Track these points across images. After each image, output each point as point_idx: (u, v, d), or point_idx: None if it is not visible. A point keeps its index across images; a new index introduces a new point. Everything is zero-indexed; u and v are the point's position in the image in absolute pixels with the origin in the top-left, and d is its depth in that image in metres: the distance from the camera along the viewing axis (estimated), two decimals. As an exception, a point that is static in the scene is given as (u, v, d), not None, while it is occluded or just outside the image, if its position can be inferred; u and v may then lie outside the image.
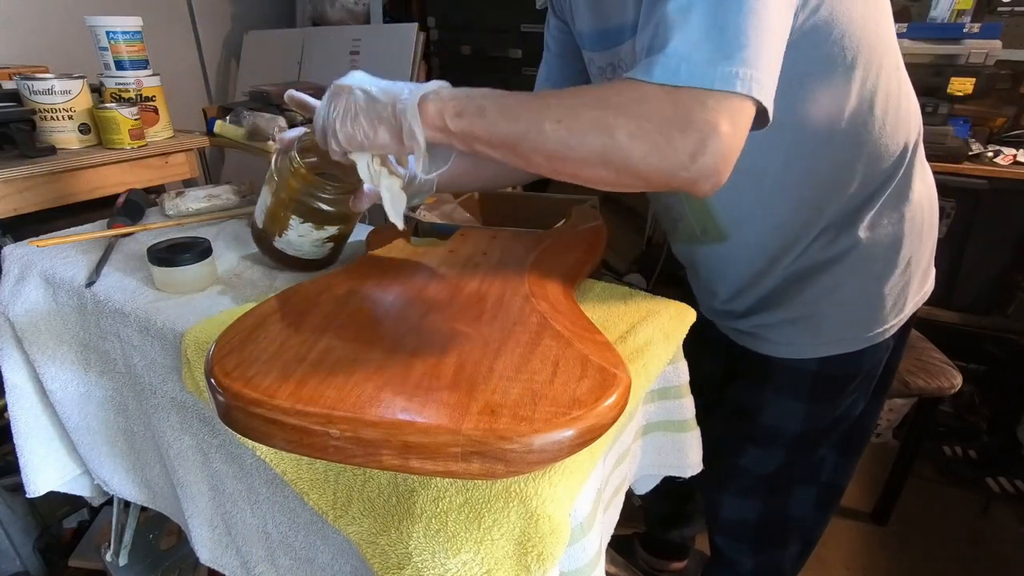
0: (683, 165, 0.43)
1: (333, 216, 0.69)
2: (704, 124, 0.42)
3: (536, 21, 1.84)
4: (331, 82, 0.55)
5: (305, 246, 0.71)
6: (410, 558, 0.44)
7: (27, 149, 1.10)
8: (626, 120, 0.43)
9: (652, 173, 0.44)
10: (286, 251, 0.71)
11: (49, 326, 0.77)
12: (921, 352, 1.28)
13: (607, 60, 0.67)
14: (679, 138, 0.42)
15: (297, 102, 0.63)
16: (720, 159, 0.43)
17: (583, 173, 0.47)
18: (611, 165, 0.45)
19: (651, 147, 0.43)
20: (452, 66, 2.06)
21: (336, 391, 0.41)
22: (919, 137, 0.66)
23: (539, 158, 0.47)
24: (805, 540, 0.92)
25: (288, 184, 0.66)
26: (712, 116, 0.42)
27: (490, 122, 0.47)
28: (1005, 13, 1.55)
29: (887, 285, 0.69)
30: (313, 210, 0.68)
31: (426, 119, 0.49)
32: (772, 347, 0.75)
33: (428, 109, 0.49)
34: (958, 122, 1.48)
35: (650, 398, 0.67)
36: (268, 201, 0.69)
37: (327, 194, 0.67)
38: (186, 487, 0.70)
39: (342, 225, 0.72)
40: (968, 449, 1.63)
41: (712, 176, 0.43)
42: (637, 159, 0.44)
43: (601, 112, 0.44)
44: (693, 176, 0.43)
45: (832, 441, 0.82)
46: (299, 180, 0.66)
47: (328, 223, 0.70)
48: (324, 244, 0.72)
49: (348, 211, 0.69)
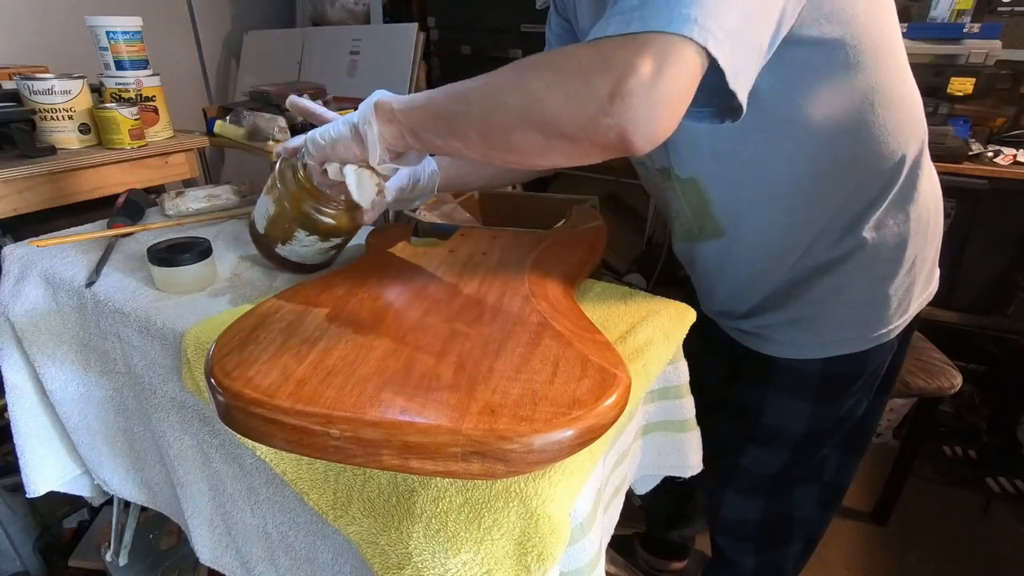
0: (602, 110, 0.38)
1: (340, 229, 0.69)
2: (622, 61, 0.37)
3: (536, 21, 1.84)
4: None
5: (309, 254, 0.71)
6: (410, 558, 0.44)
7: (27, 149, 1.10)
8: (543, 71, 0.41)
9: (573, 126, 0.40)
10: (289, 258, 0.71)
11: (49, 326, 0.77)
12: (921, 352, 1.28)
13: None
14: (595, 80, 0.38)
15: (299, 108, 0.63)
16: (647, 103, 0.37)
17: (512, 141, 0.43)
18: (533, 123, 0.41)
19: (567, 94, 0.39)
20: (452, 66, 2.06)
21: (336, 391, 0.41)
22: (924, 137, 0.66)
23: (472, 132, 0.45)
24: (807, 539, 0.92)
25: (294, 196, 0.66)
26: (632, 55, 0.37)
27: (428, 106, 0.47)
28: (1005, 13, 1.55)
29: (892, 285, 0.69)
30: (320, 224, 0.67)
31: (378, 114, 0.50)
32: (775, 347, 0.75)
33: (380, 107, 0.50)
34: (958, 122, 1.48)
35: (650, 398, 0.67)
36: (271, 210, 0.69)
37: (334, 208, 0.67)
38: (186, 487, 0.70)
39: (347, 235, 0.72)
40: (968, 449, 1.63)
41: (642, 125, 0.38)
42: (556, 110, 0.40)
43: (520, 70, 0.42)
44: (616, 123, 0.38)
45: (835, 441, 0.82)
46: (306, 194, 0.65)
47: (334, 235, 0.70)
48: (328, 252, 0.72)
49: (354, 223, 0.69)
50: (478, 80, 0.45)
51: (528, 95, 0.41)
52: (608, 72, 0.38)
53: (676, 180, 0.70)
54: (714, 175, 0.66)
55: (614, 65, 0.38)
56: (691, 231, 0.74)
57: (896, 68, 0.61)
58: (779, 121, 0.59)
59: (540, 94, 0.40)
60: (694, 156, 0.65)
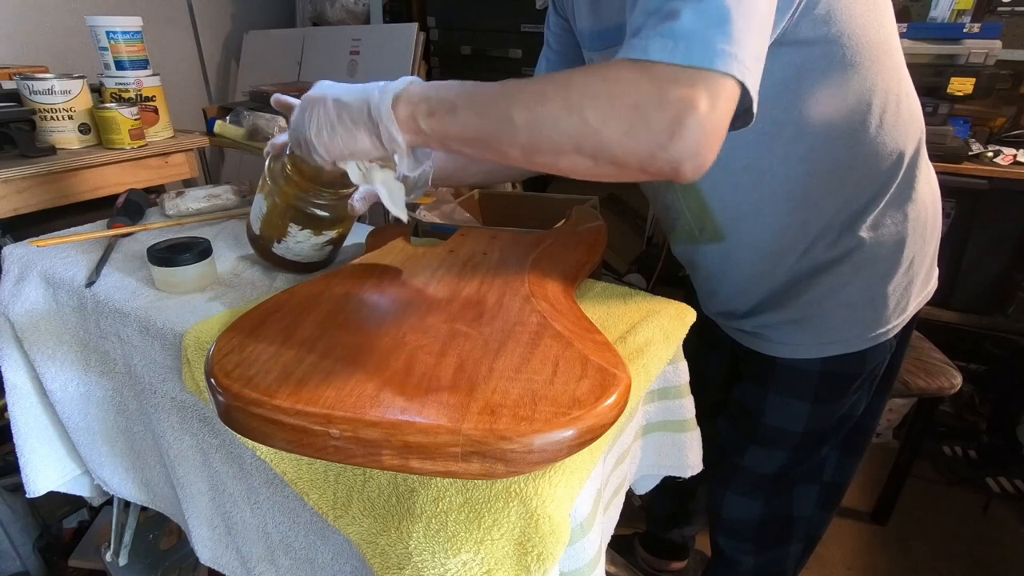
0: (661, 145, 0.40)
1: (331, 221, 0.69)
2: (680, 100, 0.39)
3: (536, 21, 1.84)
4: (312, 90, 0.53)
5: (305, 251, 0.71)
6: (410, 558, 0.44)
7: (27, 149, 1.10)
8: (598, 101, 0.41)
9: (629, 156, 0.41)
10: (286, 256, 0.71)
11: (49, 326, 0.77)
12: (921, 352, 1.28)
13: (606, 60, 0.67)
14: (655, 116, 0.40)
15: (283, 104, 0.62)
16: (701, 138, 0.40)
17: (560, 163, 0.44)
18: (585, 151, 0.42)
19: (625, 128, 0.40)
20: (452, 66, 2.06)
21: (336, 391, 0.41)
22: (922, 136, 0.66)
23: (514, 151, 0.45)
24: (807, 539, 0.92)
25: (283, 191, 0.66)
26: (688, 92, 0.39)
27: (462, 120, 0.46)
28: (1005, 13, 1.55)
29: (890, 285, 0.69)
30: (311, 216, 0.68)
31: (400, 121, 0.48)
32: (775, 347, 0.75)
33: (400, 111, 0.47)
34: (958, 122, 1.48)
35: (650, 398, 0.67)
36: (264, 208, 0.69)
37: (324, 199, 0.67)
38: (186, 487, 0.70)
39: (341, 228, 0.72)
40: (968, 449, 1.63)
41: (694, 158, 0.41)
42: (612, 142, 0.41)
43: (572, 95, 0.42)
44: (672, 157, 0.40)
45: (835, 441, 0.82)
46: (294, 188, 0.66)
47: (327, 228, 0.70)
48: (324, 247, 0.72)
49: (345, 214, 0.69)
50: (516, 94, 0.44)
51: (584, 125, 0.41)
52: (666, 109, 0.39)
53: (677, 186, 0.70)
54: (714, 179, 0.66)
55: (672, 103, 0.39)
56: (691, 233, 0.74)
57: (893, 68, 0.61)
58: (777, 123, 0.59)
59: (597, 125, 0.41)
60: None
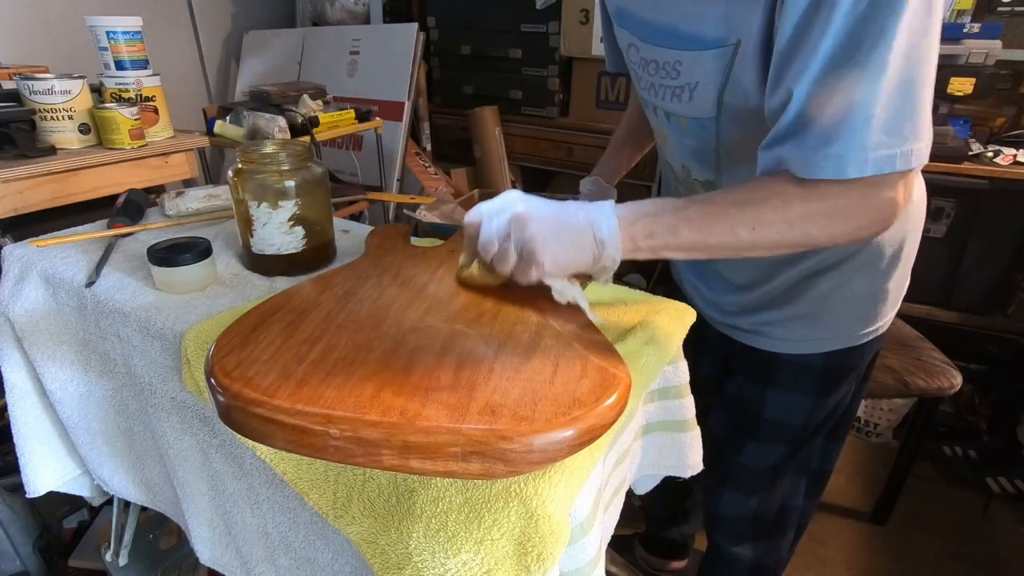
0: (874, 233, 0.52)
1: (282, 191, 0.68)
2: (885, 204, 0.49)
3: (536, 21, 1.84)
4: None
5: (275, 236, 0.70)
6: (410, 558, 0.44)
7: (27, 149, 1.10)
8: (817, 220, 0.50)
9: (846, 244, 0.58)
10: (264, 251, 0.71)
11: (49, 326, 0.77)
12: (921, 352, 1.28)
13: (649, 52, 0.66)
14: (867, 224, 0.51)
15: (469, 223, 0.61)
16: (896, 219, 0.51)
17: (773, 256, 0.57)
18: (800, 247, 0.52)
19: (840, 233, 0.51)
20: (452, 66, 2.06)
21: (336, 391, 0.41)
22: None
23: (729, 253, 0.53)
24: (799, 527, 0.95)
25: (240, 176, 0.68)
26: (891, 194, 0.49)
27: (683, 237, 0.52)
28: (1005, 13, 1.55)
29: (892, 280, 0.71)
30: (262, 187, 0.68)
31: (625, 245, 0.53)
32: (777, 344, 0.76)
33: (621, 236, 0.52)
34: (958, 122, 1.48)
35: (650, 398, 0.67)
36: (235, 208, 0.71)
37: (269, 164, 0.68)
38: (186, 487, 0.70)
39: (299, 200, 0.70)
40: (968, 449, 1.63)
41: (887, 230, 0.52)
42: (826, 243, 0.52)
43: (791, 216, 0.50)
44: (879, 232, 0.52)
45: (825, 430, 0.84)
46: (247, 164, 0.68)
47: (281, 198, 0.69)
48: (292, 229, 0.70)
49: (300, 181, 0.69)
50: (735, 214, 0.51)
51: (806, 236, 0.51)
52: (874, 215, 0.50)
53: (697, 185, 0.73)
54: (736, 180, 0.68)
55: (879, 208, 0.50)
56: None
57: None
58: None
59: (816, 236, 0.51)
60: (744, 172, 0.66)
